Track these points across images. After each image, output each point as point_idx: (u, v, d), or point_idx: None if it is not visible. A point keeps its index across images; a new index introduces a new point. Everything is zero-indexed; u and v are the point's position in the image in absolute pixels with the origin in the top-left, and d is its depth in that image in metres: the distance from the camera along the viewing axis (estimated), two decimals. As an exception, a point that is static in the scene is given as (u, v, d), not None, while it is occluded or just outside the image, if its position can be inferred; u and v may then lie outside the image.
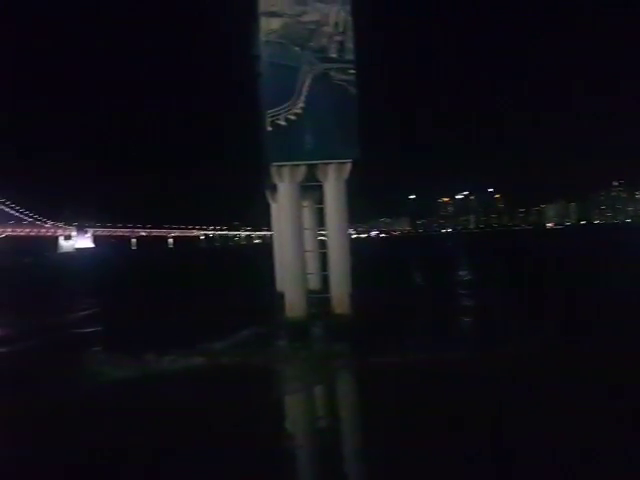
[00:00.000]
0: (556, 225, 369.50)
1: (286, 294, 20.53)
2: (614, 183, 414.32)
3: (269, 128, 19.65)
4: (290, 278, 20.56)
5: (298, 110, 19.53)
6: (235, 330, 20.11)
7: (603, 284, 29.71)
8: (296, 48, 19.49)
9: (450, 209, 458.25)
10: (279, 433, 10.79)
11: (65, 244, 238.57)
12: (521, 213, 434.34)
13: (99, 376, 14.97)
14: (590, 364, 14.15)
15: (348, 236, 21.34)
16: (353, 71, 19.70)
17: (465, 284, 36.44)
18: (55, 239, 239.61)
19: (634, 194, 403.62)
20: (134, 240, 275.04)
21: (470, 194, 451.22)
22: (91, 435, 10.31)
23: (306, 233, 22.00)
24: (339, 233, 20.57)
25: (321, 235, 25.74)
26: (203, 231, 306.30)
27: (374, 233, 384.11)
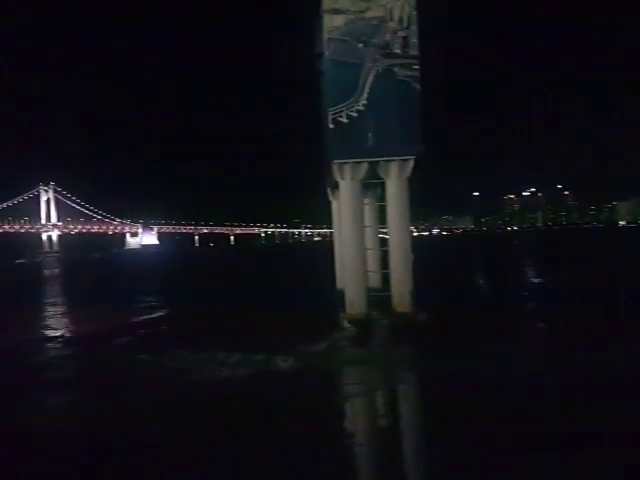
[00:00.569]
0: (629, 223, 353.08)
1: (346, 292, 20.48)
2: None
3: (331, 125, 19.65)
4: (350, 276, 20.51)
5: (360, 107, 19.44)
6: (303, 331, 19.70)
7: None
8: (359, 45, 19.41)
9: (516, 206, 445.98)
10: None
11: (132, 241, 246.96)
12: (592, 211, 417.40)
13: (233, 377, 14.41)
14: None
15: (410, 234, 21.05)
16: (417, 67, 19.45)
17: (532, 285, 35.16)
18: (122, 236, 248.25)
19: None
20: (197, 237, 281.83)
21: (537, 191, 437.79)
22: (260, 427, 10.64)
23: (367, 231, 21.88)
24: (401, 231, 20.35)
25: (382, 233, 25.59)
26: (263, 229, 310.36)
27: (436, 231, 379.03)
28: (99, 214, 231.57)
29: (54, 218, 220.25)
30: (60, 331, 23.53)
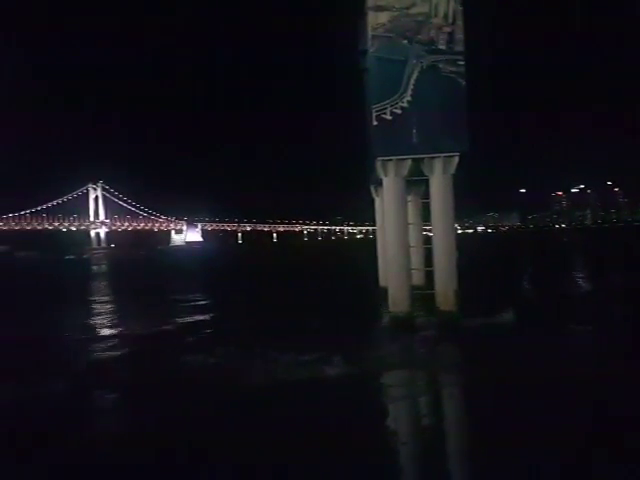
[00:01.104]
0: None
1: (389, 290, 20.38)
2: None
3: (375, 122, 19.58)
4: (394, 273, 20.40)
5: (404, 104, 19.32)
6: (347, 331, 19.60)
7: None
8: (404, 41, 19.28)
9: (564, 204, 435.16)
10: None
11: (176, 238, 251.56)
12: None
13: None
14: None
15: (454, 231, 20.81)
16: (462, 62, 19.18)
17: (579, 286, 34.14)
18: (167, 233, 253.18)
19: None
20: (240, 234, 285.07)
21: (586, 188, 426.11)
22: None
23: (410, 228, 21.74)
24: (445, 228, 20.12)
25: (425, 230, 25.39)
26: (306, 226, 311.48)
27: (481, 228, 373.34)
28: (145, 211, 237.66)
29: (102, 215, 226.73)
30: (110, 330, 23.81)
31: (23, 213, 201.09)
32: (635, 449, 9.06)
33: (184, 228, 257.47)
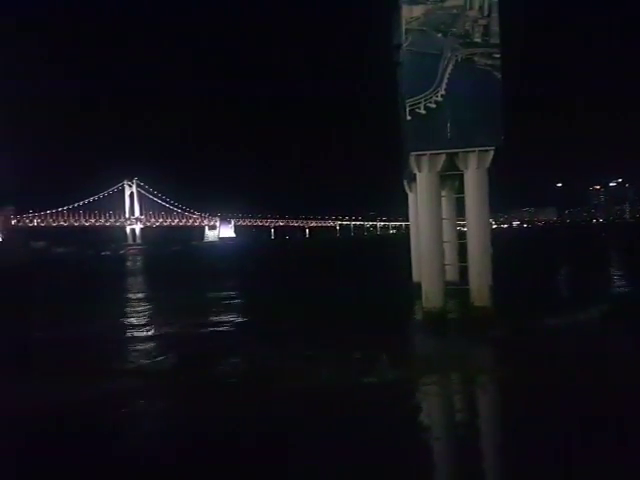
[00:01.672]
0: None
1: (423, 285, 20.30)
2: None
3: (408, 117, 19.49)
4: (427, 269, 20.31)
5: (439, 98, 19.17)
6: (382, 328, 19.55)
7: None
8: (438, 34, 19.12)
9: (602, 198, 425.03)
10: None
11: (210, 233, 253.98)
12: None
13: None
14: None
15: (489, 226, 20.59)
16: (498, 55, 18.94)
17: (619, 284, 32.99)
18: (201, 229, 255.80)
19: None
20: (272, 230, 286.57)
21: (624, 182, 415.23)
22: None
23: (444, 223, 21.59)
24: (480, 223, 19.92)
25: (460, 225, 25.17)
26: (338, 221, 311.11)
27: (516, 223, 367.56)
28: (179, 208, 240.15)
29: (137, 212, 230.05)
30: (147, 328, 24.03)
31: (60, 210, 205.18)
32: None
33: (217, 224, 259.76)
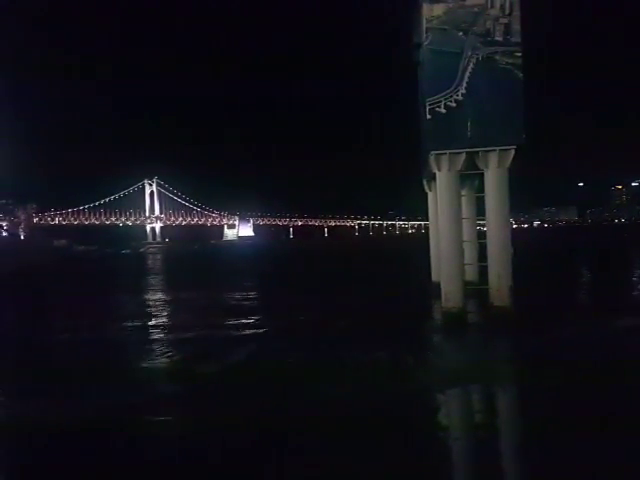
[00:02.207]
0: None
1: (442, 285, 20.21)
2: None
3: (428, 116, 19.43)
4: (446, 269, 20.21)
5: (459, 96, 19.08)
6: (402, 327, 19.56)
7: None
8: (459, 33, 19.03)
9: (624, 198, 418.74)
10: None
11: (229, 232, 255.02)
12: None
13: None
14: None
15: (509, 226, 20.44)
16: (520, 54, 18.80)
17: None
18: (220, 228, 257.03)
19: None
20: (291, 229, 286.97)
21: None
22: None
23: (464, 223, 21.48)
24: (500, 223, 19.79)
25: (479, 225, 25.04)
26: (357, 221, 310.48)
27: (536, 223, 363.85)
28: (198, 207, 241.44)
29: (157, 211, 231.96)
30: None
31: (82, 208, 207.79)
32: None
33: (236, 223, 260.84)
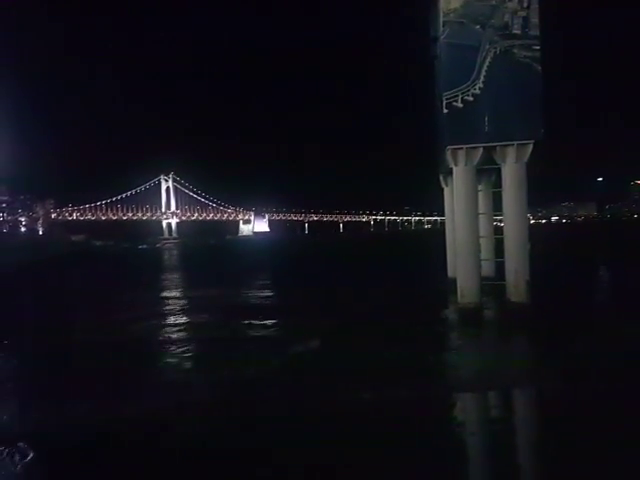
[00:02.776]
0: None
1: (458, 280, 20.13)
2: None
3: (445, 110, 19.32)
4: (463, 264, 20.13)
5: (476, 90, 18.93)
6: (419, 324, 19.43)
7: None
8: (477, 26, 18.87)
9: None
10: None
11: (244, 228, 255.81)
12: None
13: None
14: None
15: (527, 221, 20.26)
16: (538, 47, 18.60)
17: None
18: (235, 223, 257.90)
19: None
20: (306, 225, 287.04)
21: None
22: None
23: (480, 218, 21.34)
24: (517, 218, 19.62)
25: (496, 220, 24.83)
26: (373, 216, 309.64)
27: (554, 218, 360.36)
28: (214, 202, 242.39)
29: (173, 206, 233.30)
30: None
31: (99, 204, 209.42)
32: None
33: (252, 218, 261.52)
